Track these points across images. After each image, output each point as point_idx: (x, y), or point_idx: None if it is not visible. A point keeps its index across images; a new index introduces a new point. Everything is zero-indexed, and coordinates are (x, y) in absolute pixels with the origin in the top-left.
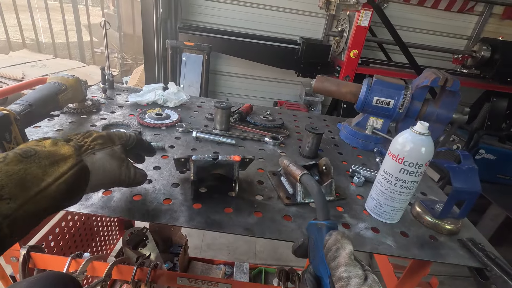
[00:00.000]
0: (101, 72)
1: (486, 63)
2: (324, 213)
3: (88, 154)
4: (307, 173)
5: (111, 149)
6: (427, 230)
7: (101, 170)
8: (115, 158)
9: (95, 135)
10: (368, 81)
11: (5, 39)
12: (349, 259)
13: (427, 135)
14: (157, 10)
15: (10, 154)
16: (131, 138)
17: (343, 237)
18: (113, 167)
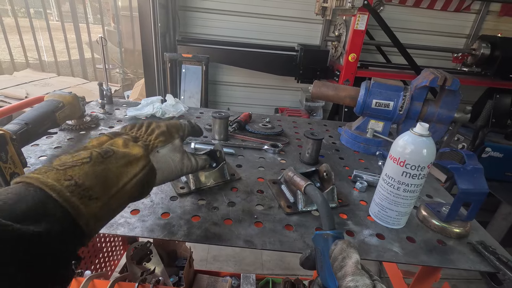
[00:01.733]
0: (99, 87)
1: (486, 61)
2: (330, 222)
3: (153, 153)
4: (311, 184)
5: (172, 144)
6: (434, 234)
7: (165, 166)
8: (176, 152)
9: (157, 132)
10: (366, 84)
11: (9, 60)
12: (355, 268)
13: (428, 136)
14: (155, 25)
15: (94, 154)
16: (186, 129)
17: (348, 246)
18: (176, 162)
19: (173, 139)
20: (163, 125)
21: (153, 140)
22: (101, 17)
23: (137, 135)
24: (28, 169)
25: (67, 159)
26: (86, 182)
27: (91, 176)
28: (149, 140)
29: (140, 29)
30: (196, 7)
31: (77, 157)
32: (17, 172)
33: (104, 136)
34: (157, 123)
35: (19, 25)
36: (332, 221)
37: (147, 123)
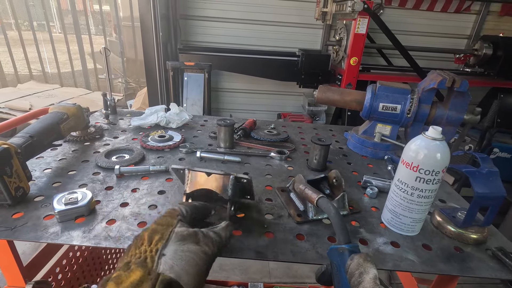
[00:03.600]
0: (103, 98)
1: (489, 61)
2: (344, 236)
3: (158, 262)
4: (323, 196)
5: (174, 233)
6: (451, 241)
7: (186, 266)
8: (187, 240)
9: (147, 234)
10: (372, 87)
11: (13, 73)
12: (374, 284)
13: (442, 140)
14: (156, 34)
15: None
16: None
17: (365, 261)
18: (194, 250)
19: (171, 227)
20: (152, 224)
21: (149, 247)
22: (103, 28)
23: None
24: (33, 182)
25: None
26: None
27: None
28: (144, 253)
29: (142, 39)
30: (197, 15)
31: None
32: (22, 186)
33: None
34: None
35: (22, 38)
36: (347, 235)
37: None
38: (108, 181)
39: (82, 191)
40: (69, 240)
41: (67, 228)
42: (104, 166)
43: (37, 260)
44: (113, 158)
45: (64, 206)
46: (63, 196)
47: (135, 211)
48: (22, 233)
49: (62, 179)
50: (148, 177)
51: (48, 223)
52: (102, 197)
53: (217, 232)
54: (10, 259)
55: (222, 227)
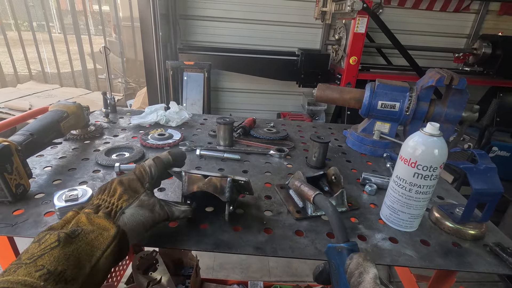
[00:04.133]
0: (102, 96)
1: (488, 60)
2: (342, 234)
3: (119, 217)
4: (320, 193)
5: (138, 200)
6: (449, 237)
7: (135, 225)
8: (144, 207)
9: (119, 192)
10: (371, 85)
11: (12, 73)
12: (374, 283)
13: (439, 136)
14: (156, 34)
15: (61, 236)
16: (152, 173)
17: (365, 260)
18: (146, 216)
19: (137, 193)
20: (125, 181)
21: (116, 202)
22: (102, 28)
23: (100, 203)
24: (34, 180)
25: (35, 248)
26: (58, 267)
27: (63, 260)
28: (112, 205)
29: (142, 39)
30: (197, 15)
31: (44, 243)
32: (23, 183)
33: (70, 212)
34: (120, 179)
35: (22, 39)
36: (345, 233)
37: (110, 184)
38: (108, 178)
39: (82, 188)
40: None
41: None
42: (104, 164)
43: None
44: (113, 156)
45: (65, 203)
46: (64, 193)
47: None
48: (23, 230)
49: (62, 176)
50: None
51: (49, 220)
52: None
53: (172, 210)
54: (11, 256)
55: (180, 209)
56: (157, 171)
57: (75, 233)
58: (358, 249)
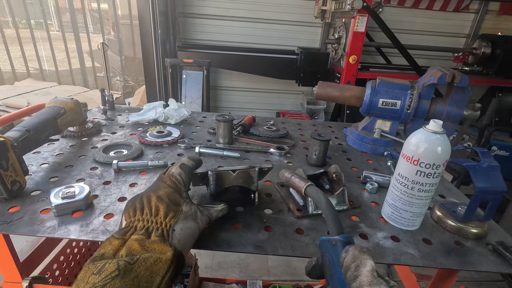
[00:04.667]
0: (101, 93)
1: (487, 59)
2: (337, 226)
3: (172, 237)
4: (311, 184)
5: (182, 213)
6: (451, 236)
7: (186, 240)
8: (189, 218)
9: (163, 209)
10: (372, 83)
11: (10, 70)
12: (372, 277)
13: (442, 133)
14: (155, 32)
15: (121, 264)
16: (184, 180)
17: (361, 252)
18: (193, 227)
19: (179, 206)
20: (164, 196)
21: (164, 221)
22: (101, 26)
23: (146, 224)
24: (30, 177)
25: (96, 279)
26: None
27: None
28: (161, 225)
29: (141, 36)
30: (196, 13)
31: (104, 273)
32: (19, 180)
33: (114, 239)
34: (156, 194)
35: (20, 36)
36: (340, 225)
37: (146, 200)
38: (106, 176)
39: (80, 185)
40: (66, 234)
41: (64, 222)
42: (102, 161)
43: (34, 256)
44: (111, 153)
45: (61, 200)
46: (60, 190)
47: None
48: (18, 227)
49: (59, 173)
50: (146, 172)
51: (45, 217)
52: (99, 191)
53: (211, 213)
54: (6, 254)
55: (218, 209)
56: (187, 178)
57: (134, 260)
58: (353, 241)
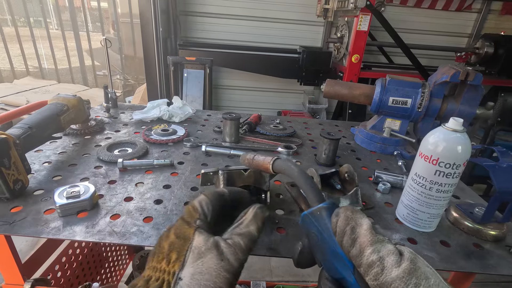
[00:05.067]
0: (104, 90)
1: (490, 59)
2: (317, 195)
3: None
4: (277, 158)
5: (191, 252)
6: (468, 238)
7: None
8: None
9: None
10: (382, 81)
11: (9, 69)
12: (371, 235)
13: (463, 131)
14: (157, 30)
15: None
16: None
17: (354, 212)
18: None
19: (188, 241)
20: (172, 231)
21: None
22: (101, 24)
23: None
24: (32, 176)
25: None
26: None
27: None
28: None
29: (142, 35)
30: (197, 11)
31: None
32: (21, 179)
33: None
34: (164, 232)
35: (19, 34)
36: (320, 193)
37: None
38: (111, 175)
39: (84, 185)
40: (72, 235)
41: (69, 223)
42: (106, 159)
43: (36, 257)
44: (115, 152)
45: (66, 200)
46: (65, 189)
47: (140, 205)
48: (21, 228)
49: (62, 172)
50: (152, 171)
51: (49, 218)
52: (105, 191)
53: (243, 232)
54: (8, 255)
55: (248, 220)
56: (211, 205)
57: None
58: (338, 205)
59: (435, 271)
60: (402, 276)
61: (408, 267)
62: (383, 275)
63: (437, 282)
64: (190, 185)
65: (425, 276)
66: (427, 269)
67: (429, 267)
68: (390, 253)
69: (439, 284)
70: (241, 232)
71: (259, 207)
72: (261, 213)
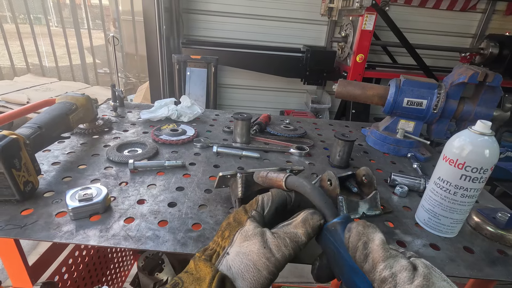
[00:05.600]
0: (111, 89)
1: (495, 60)
2: (330, 210)
3: (221, 260)
4: (290, 175)
5: (239, 234)
6: (492, 243)
7: (243, 268)
8: (251, 241)
9: (223, 227)
10: (396, 81)
11: (9, 66)
12: (384, 250)
13: (491, 135)
14: (160, 28)
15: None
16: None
17: (365, 227)
18: (256, 252)
19: (240, 225)
20: (232, 215)
21: (220, 242)
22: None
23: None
24: (42, 177)
25: None
26: None
27: None
28: (217, 245)
29: (145, 32)
30: (200, 9)
31: None
32: (31, 181)
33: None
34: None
35: (19, 31)
36: (333, 208)
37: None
38: (122, 176)
39: (97, 187)
40: (86, 240)
41: (82, 226)
42: (117, 160)
43: (43, 260)
44: (125, 152)
45: (78, 202)
46: (76, 192)
47: (154, 208)
48: (33, 232)
49: (72, 173)
50: (163, 173)
51: (61, 221)
52: (117, 193)
53: (289, 232)
54: (17, 258)
55: (297, 222)
56: (272, 202)
57: (177, 287)
58: (352, 219)
59: (453, 285)
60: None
61: (421, 283)
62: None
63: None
64: (203, 187)
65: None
66: (443, 283)
67: (446, 281)
68: (403, 269)
69: None
70: (287, 231)
71: (310, 212)
72: (311, 219)
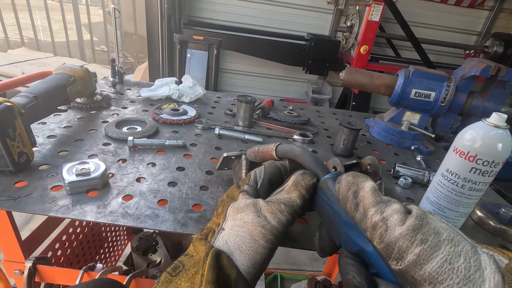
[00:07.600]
0: (111, 64)
1: (499, 59)
2: (321, 168)
3: (217, 236)
4: (280, 143)
5: (232, 208)
6: (494, 238)
7: (239, 240)
8: (244, 213)
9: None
10: (405, 72)
11: (3, 38)
12: (373, 196)
13: (505, 128)
14: (162, 6)
15: (162, 277)
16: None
17: (355, 177)
18: (250, 222)
19: (233, 200)
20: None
21: (216, 220)
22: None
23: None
24: (37, 149)
25: None
26: None
27: None
28: (213, 223)
29: (146, 10)
30: None
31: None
32: (26, 152)
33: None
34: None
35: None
36: (324, 166)
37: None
38: (120, 153)
39: (95, 162)
40: (82, 215)
41: (79, 201)
42: (115, 136)
43: (36, 235)
44: (124, 129)
45: (76, 177)
46: (74, 166)
47: (154, 187)
48: (27, 205)
49: (68, 147)
50: (163, 152)
51: (57, 195)
52: (115, 170)
53: (282, 198)
54: (9, 232)
55: (289, 186)
56: (265, 174)
57: (176, 270)
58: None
59: (453, 227)
60: (405, 234)
61: (413, 223)
62: (386, 236)
63: (451, 237)
64: (204, 168)
65: (435, 232)
66: (440, 224)
67: (444, 222)
68: (395, 212)
69: (454, 238)
70: (280, 197)
71: (300, 173)
72: (303, 180)
